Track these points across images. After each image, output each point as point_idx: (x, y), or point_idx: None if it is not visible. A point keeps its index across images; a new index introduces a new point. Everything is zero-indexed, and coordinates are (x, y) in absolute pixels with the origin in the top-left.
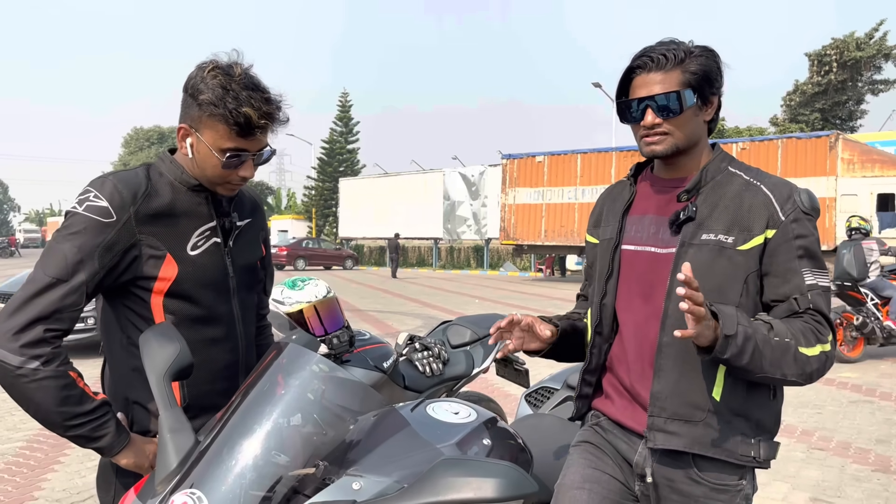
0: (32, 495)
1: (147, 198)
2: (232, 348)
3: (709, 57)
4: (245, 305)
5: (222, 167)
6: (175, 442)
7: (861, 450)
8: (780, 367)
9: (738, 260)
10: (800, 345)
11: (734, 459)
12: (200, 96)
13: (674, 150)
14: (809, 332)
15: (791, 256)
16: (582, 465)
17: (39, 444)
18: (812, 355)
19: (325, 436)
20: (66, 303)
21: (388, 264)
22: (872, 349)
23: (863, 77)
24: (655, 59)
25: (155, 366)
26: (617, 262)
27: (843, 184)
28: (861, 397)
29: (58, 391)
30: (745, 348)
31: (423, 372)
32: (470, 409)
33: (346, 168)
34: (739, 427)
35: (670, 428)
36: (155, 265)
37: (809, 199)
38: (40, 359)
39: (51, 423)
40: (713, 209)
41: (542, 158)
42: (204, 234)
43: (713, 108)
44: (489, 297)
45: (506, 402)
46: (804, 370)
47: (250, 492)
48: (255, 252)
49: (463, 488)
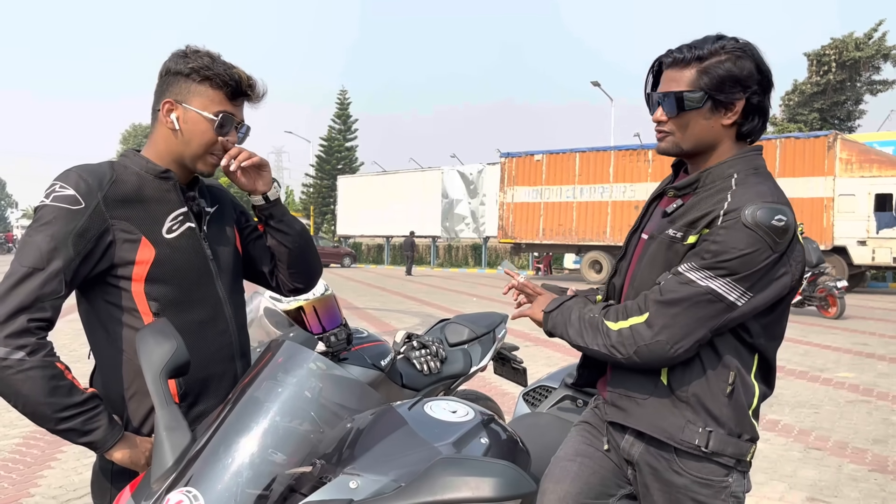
0: (29, 492)
1: (113, 184)
2: (223, 331)
3: (739, 58)
4: (231, 289)
5: (215, 129)
6: (171, 440)
7: (858, 449)
8: (583, 337)
9: (680, 252)
10: (607, 319)
11: (674, 442)
12: (189, 66)
13: (676, 149)
14: (622, 308)
15: (696, 252)
16: (577, 441)
17: (36, 441)
18: (614, 329)
19: (322, 434)
20: (46, 290)
21: (408, 263)
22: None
23: (861, 77)
24: (675, 56)
25: (151, 363)
26: (633, 246)
27: (840, 184)
28: (858, 397)
29: (46, 382)
30: (557, 321)
31: (420, 370)
32: (468, 408)
33: (344, 166)
34: (685, 414)
35: (620, 403)
36: (130, 249)
37: (762, 215)
38: (25, 349)
39: (40, 416)
40: (689, 210)
41: (540, 157)
42: (177, 218)
43: (735, 113)
44: (487, 296)
45: (503, 400)
46: (605, 343)
47: (247, 490)
48: (231, 237)
49: (461, 487)
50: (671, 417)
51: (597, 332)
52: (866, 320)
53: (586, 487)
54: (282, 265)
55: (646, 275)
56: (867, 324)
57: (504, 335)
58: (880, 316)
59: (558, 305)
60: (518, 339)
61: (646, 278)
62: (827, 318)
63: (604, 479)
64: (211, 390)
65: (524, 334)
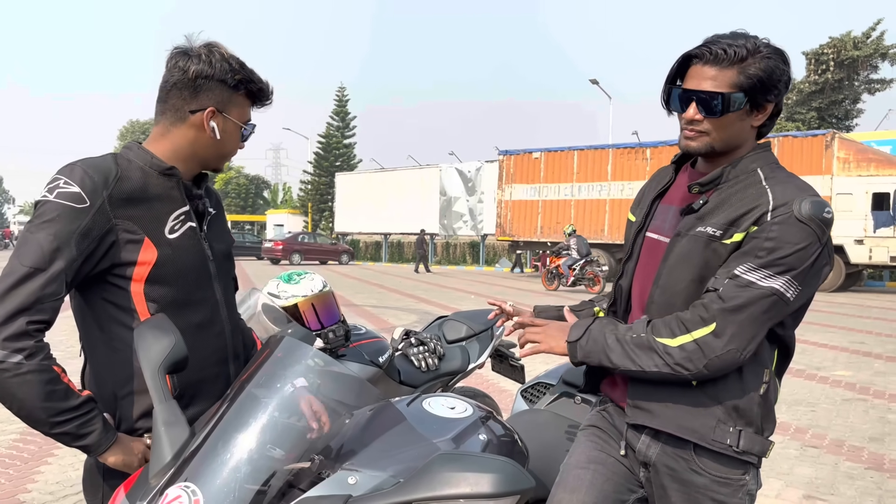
0: (26, 488)
1: (119, 181)
2: (218, 333)
3: (774, 60)
4: (227, 290)
5: (242, 140)
6: (170, 435)
7: (854, 447)
8: (634, 360)
9: (721, 252)
10: (660, 336)
11: (706, 444)
12: (235, 77)
13: (709, 150)
14: (680, 321)
15: (749, 251)
16: (588, 447)
17: (33, 437)
18: (674, 345)
19: (320, 430)
20: (47, 292)
21: (417, 260)
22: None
23: (859, 76)
24: (714, 53)
25: (150, 358)
26: (638, 246)
27: (838, 183)
28: (854, 395)
29: (42, 386)
30: (591, 349)
31: (418, 367)
32: (466, 405)
33: (342, 163)
34: (716, 413)
35: (647, 406)
36: (133, 250)
37: (813, 208)
38: (23, 352)
39: (35, 420)
40: (718, 206)
41: (538, 155)
42: (179, 217)
43: (765, 115)
44: (485, 293)
45: (501, 397)
46: (665, 361)
47: (245, 485)
48: (228, 239)
49: (459, 483)
50: (701, 418)
51: (651, 353)
52: (863, 319)
53: (601, 496)
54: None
55: (677, 274)
56: (864, 322)
57: (502, 332)
58: (877, 315)
59: (584, 332)
60: (516, 337)
61: (677, 278)
62: (592, 293)
63: (617, 485)
64: (204, 393)
65: None
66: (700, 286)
